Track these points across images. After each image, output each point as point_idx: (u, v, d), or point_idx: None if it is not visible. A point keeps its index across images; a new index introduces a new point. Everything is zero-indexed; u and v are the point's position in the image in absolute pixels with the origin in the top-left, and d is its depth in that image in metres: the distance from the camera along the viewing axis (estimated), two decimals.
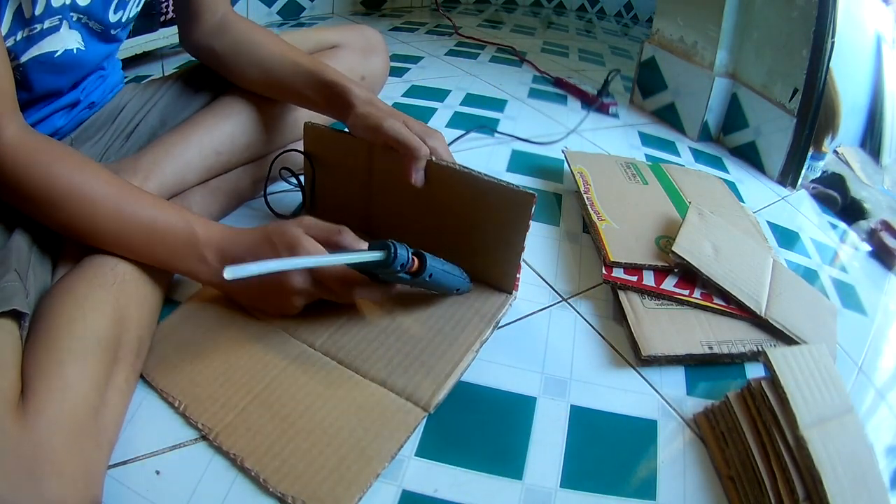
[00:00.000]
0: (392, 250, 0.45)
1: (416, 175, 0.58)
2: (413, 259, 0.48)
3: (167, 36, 1.18)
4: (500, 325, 0.60)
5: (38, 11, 0.48)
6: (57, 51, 0.53)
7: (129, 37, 1.12)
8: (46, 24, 0.50)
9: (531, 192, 0.54)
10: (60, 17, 0.51)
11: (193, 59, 0.73)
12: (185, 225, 0.50)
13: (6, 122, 0.44)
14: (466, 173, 0.57)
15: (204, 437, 0.46)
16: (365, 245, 0.51)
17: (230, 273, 0.38)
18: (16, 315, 0.42)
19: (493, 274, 0.61)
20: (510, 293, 0.62)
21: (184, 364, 0.51)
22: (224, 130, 0.67)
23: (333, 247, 0.51)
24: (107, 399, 0.42)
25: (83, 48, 0.57)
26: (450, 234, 0.62)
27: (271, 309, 0.55)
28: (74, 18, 0.53)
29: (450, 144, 0.96)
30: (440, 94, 1.20)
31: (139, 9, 0.63)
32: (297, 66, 0.66)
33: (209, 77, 0.72)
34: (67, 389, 0.39)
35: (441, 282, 0.53)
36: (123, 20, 0.60)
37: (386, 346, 0.54)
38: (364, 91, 0.63)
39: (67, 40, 0.54)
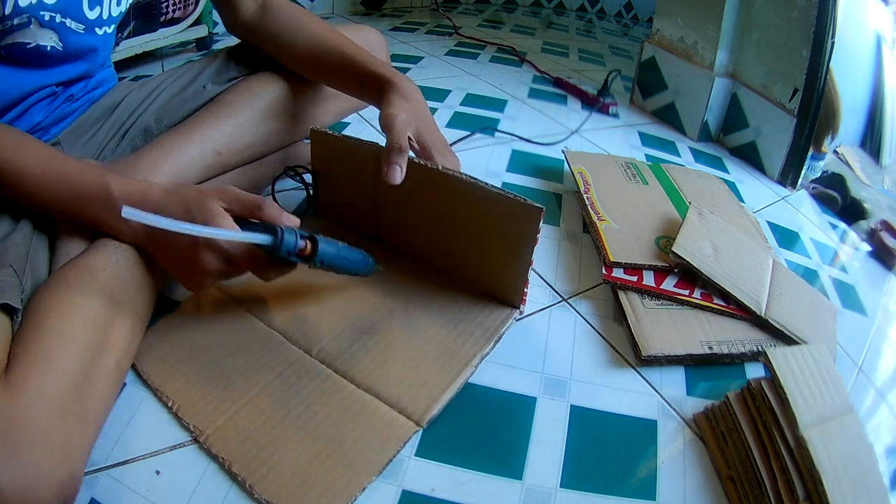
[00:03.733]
0: (279, 235, 0.46)
1: (389, 171, 0.55)
2: (306, 243, 0.49)
3: (167, 36, 1.19)
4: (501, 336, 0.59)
5: (7, 11, 0.50)
6: (29, 43, 0.54)
7: (128, 37, 1.12)
8: (16, 21, 0.52)
9: (539, 205, 0.53)
10: (28, 14, 0.52)
11: (194, 59, 0.73)
12: (101, 187, 0.50)
13: None
14: (474, 183, 0.56)
15: (195, 440, 0.46)
16: (283, 218, 0.50)
17: (126, 212, 0.41)
18: (8, 310, 0.42)
19: (501, 287, 0.60)
20: (516, 308, 0.60)
21: (180, 364, 0.51)
22: (224, 130, 0.67)
23: (250, 215, 0.50)
24: (93, 378, 0.42)
25: (60, 47, 0.57)
26: (458, 245, 0.61)
27: (185, 281, 0.52)
28: (47, 17, 0.54)
29: (452, 144, 0.96)
30: (440, 94, 1.20)
31: (123, 7, 0.62)
32: (335, 50, 0.67)
33: (207, 76, 0.72)
34: (50, 363, 0.39)
35: (336, 266, 0.53)
36: (105, 17, 0.60)
37: (383, 357, 0.54)
38: (406, 83, 0.63)
39: (40, 37, 0.55)
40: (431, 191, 0.59)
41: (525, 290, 0.59)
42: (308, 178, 0.74)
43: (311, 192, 0.74)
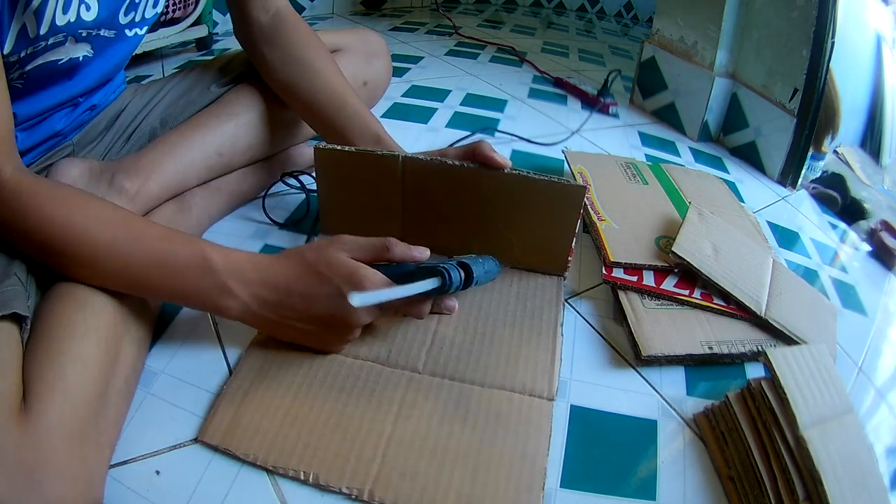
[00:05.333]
0: (447, 276, 0.47)
1: (501, 159, 0.58)
2: (461, 274, 0.49)
3: (167, 36, 1.18)
4: None
5: (42, 31, 0.48)
6: (61, 59, 0.53)
7: None
8: (51, 41, 0.50)
9: (582, 185, 0.60)
10: (65, 34, 0.50)
11: (194, 59, 0.73)
12: (198, 254, 0.46)
13: (3, 163, 0.43)
14: (518, 175, 0.60)
15: (357, 498, 0.42)
16: (415, 251, 0.51)
17: (357, 300, 0.39)
18: (16, 318, 0.42)
19: (546, 260, 0.66)
20: (561, 274, 0.66)
21: (286, 431, 0.46)
22: (226, 131, 0.67)
23: (385, 262, 0.48)
24: (107, 400, 0.42)
25: (91, 54, 0.56)
26: (498, 233, 0.64)
27: (327, 345, 0.51)
28: (84, 34, 0.53)
29: (452, 144, 0.96)
30: (440, 94, 1.20)
31: (158, 8, 0.61)
32: (344, 106, 0.64)
33: (211, 78, 0.72)
34: (68, 392, 0.39)
35: (483, 281, 0.58)
36: (137, 20, 0.59)
37: (484, 352, 0.55)
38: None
39: (73, 51, 0.53)
40: (462, 187, 0.62)
41: (569, 258, 0.65)
42: (305, 179, 0.74)
43: (309, 201, 0.73)
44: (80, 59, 0.55)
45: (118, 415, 0.44)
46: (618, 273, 0.66)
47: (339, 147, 0.62)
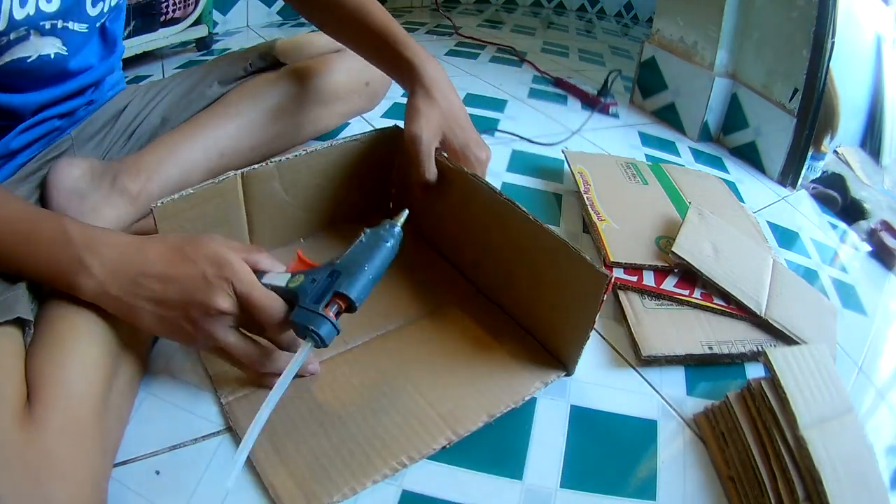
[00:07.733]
0: (317, 338, 0.41)
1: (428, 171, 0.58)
2: (339, 308, 0.42)
3: (167, 36, 1.18)
4: None
5: (2, 27, 0.47)
6: (29, 56, 0.52)
7: (129, 37, 1.12)
8: (13, 36, 0.49)
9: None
10: (26, 27, 0.50)
11: (194, 59, 0.73)
12: (57, 228, 0.41)
13: None
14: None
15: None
16: (281, 266, 0.45)
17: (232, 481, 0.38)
18: (20, 322, 0.42)
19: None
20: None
21: (336, 463, 0.45)
22: (229, 132, 0.66)
23: (251, 266, 0.43)
24: (110, 403, 0.42)
25: (65, 52, 0.56)
26: (345, 208, 0.61)
27: (187, 337, 0.44)
28: (47, 26, 0.52)
29: None
30: None
31: None
32: (374, 23, 0.63)
33: (212, 77, 0.72)
34: (71, 396, 0.39)
35: (379, 277, 0.45)
36: (106, 10, 0.58)
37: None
38: (431, 72, 0.61)
39: (42, 46, 0.52)
40: (304, 176, 0.60)
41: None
42: None
43: None
44: (52, 56, 0.54)
45: (121, 417, 0.44)
46: (618, 273, 0.66)
47: (176, 196, 0.51)
